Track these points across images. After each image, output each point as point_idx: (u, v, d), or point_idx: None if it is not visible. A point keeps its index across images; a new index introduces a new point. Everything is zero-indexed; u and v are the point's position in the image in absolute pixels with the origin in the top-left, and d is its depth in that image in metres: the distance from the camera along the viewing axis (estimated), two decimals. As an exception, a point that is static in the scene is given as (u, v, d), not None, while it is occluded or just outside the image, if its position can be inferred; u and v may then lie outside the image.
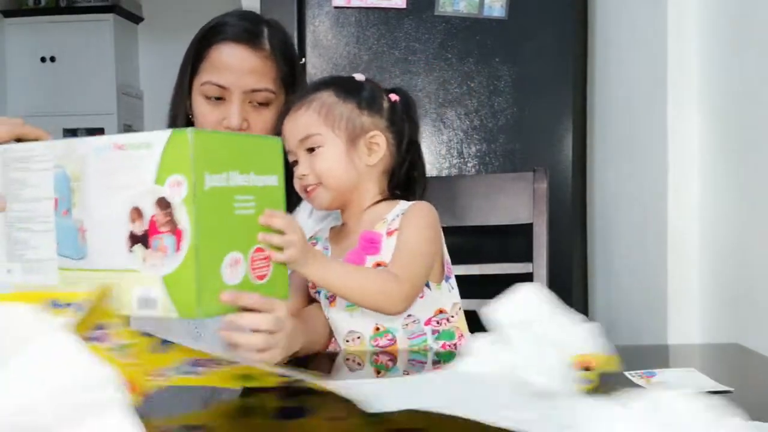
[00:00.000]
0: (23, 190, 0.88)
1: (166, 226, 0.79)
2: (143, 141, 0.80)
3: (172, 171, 0.79)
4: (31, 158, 0.88)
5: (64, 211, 0.85)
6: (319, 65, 1.93)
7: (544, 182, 1.45)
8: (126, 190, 0.81)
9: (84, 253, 0.84)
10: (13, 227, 0.89)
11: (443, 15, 1.92)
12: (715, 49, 1.36)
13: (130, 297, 0.81)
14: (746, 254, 1.24)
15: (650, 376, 0.91)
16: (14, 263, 0.90)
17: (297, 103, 1.14)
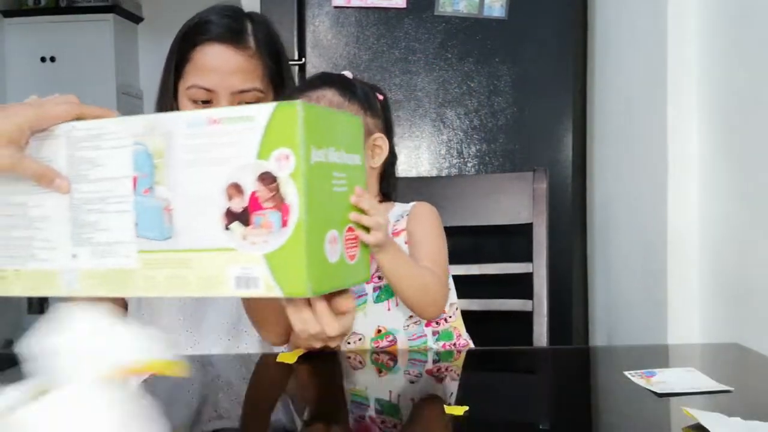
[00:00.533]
0: (93, 169, 0.84)
1: (271, 202, 0.76)
2: (243, 114, 0.78)
3: (278, 144, 0.76)
4: (101, 136, 0.84)
5: (145, 189, 0.82)
6: (319, 65, 1.93)
7: (544, 182, 1.45)
8: (222, 165, 0.78)
9: (170, 233, 0.81)
10: (80, 209, 0.85)
11: (443, 15, 1.92)
12: (715, 49, 1.36)
13: (227, 277, 0.78)
14: (746, 254, 1.24)
15: (650, 376, 0.91)
16: (81, 247, 0.85)
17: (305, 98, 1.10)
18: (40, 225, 0.87)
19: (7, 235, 0.89)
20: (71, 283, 0.86)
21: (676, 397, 0.84)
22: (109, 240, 0.84)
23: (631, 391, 0.87)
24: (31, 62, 4.69)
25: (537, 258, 1.41)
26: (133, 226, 0.82)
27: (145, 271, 0.82)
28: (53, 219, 0.86)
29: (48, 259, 0.87)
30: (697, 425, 0.73)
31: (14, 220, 0.88)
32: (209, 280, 0.79)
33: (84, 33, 4.66)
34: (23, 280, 0.88)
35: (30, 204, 0.87)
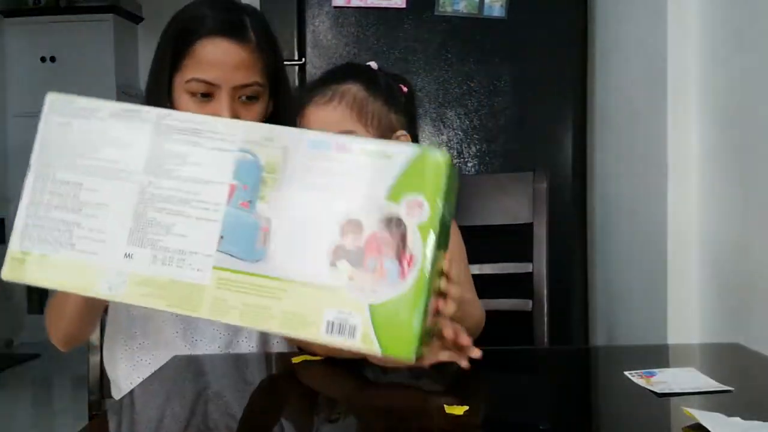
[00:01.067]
0: (182, 166, 0.75)
1: (392, 249, 0.70)
2: (380, 150, 0.72)
3: (413, 190, 0.71)
4: (202, 133, 0.76)
5: (243, 202, 0.74)
6: (319, 65, 1.93)
7: (544, 182, 1.45)
8: (343, 197, 0.71)
9: (261, 255, 0.73)
10: (152, 205, 0.75)
11: (443, 15, 1.92)
12: (715, 50, 1.36)
13: (320, 318, 0.71)
14: (746, 254, 1.24)
15: (650, 375, 0.91)
16: (141, 248, 0.75)
17: (324, 94, 1.07)
18: (93, 211, 0.76)
19: (46, 214, 0.77)
20: (116, 287, 0.76)
21: (676, 397, 0.84)
22: (181, 247, 0.74)
23: (631, 391, 0.87)
24: (31, 62, 4.69)
25: (537, 258, 1.41)
26: (217, 239, 0.74)
27: (218, 291, 0.73)
28: (112, 208, 0.76)
29: (90, 252, 0.76)
30: (697, 425, 0.73)
31: (60, 200, 0.77)
32: (297, 318, 0.71)
33: (84, 33, 4.66)
34: (47, 268, 0.77)
35: (86, 186, 0.77)
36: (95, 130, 0.78)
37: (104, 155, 0.77)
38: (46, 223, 0.77)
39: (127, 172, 0.76)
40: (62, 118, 0.79)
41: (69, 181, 0.77)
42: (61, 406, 3.50)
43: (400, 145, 0.72)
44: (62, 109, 0.80)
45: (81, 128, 0.78)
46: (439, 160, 0.71)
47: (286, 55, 1.91)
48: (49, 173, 0.78)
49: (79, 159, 0.77)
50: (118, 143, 0.77)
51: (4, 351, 4.38)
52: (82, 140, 0.78)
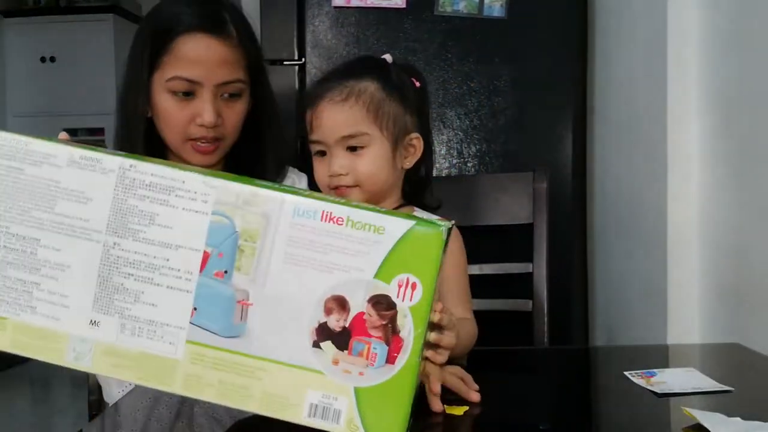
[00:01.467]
0: (149, 227, 0.69)
1: (379, 331, 0.66)
2: (371, 222, 0.66)
3: (406, 269, 0.66)
4: (173, 190, 0.68)
5: (218, 272, 0.68)
6: (319, 65, 1.93)
7: (544, 182, 1.45)
8: (329, 272, 0.67)
9: (239, 331, 0.68)
10: (117, 270, 0.69)
11: (443, 15, 1.91)
12: (714, 49, 1.36)
13: (302, 400, 0.67)
14: (746, 254, 1.24)
15: (650, 376, 0.91)
16: (107, 316, 0.69)
17: (340, 91, 1.01)
18: (52, 272, 0.70)
19: (1, 272, 0.71)
20: (82, 356, 0.70)
21: (676, 397, 0.84)
22: (151, 317, 0.69)
23: (631, 391, 0.87)
24: (31, 62, 4.69)
25: (537, 258, 1.41)
26: (190, 310, 0.68)
27: (192, 367, 0.68)
28: (73, 270, 0.70)
29: (53, 317, 0.70)
30: (697, 425, 0.73)
31: (16, 257, 0.70)
32: (278, 400, 0.67)
33: (84, 33, 4.66)
34: (11, 332, 0.71)
35: (44, 242, 0.70)
36: (51, 180, 0.70)
37: (62, 209, 0.70)
38: (1, 283, 0.71)
39: (88, 231, 0.70)
40: (13, 163, 0.70)
41: (24, 236, 0.70)
42: (61, 406, 3.50)
43: (395, 218, 0.67)
44: (13, 153, 0.70)
45: (35, 176, 0.70)
46: (433, 237, 0.66)
47: (286, 55, 1.92)
48: (1, 225, 0.71)
49: (35, 211, 0.70)
50: (76, 196, 0.70)
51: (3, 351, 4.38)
52: (37, 190, 0.70)
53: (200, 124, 1.11)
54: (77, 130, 4.76)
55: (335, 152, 1.00)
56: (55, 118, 4.69)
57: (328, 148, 1.01)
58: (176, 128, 1.12)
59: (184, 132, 1.12)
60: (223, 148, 1.15)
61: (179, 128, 1.12)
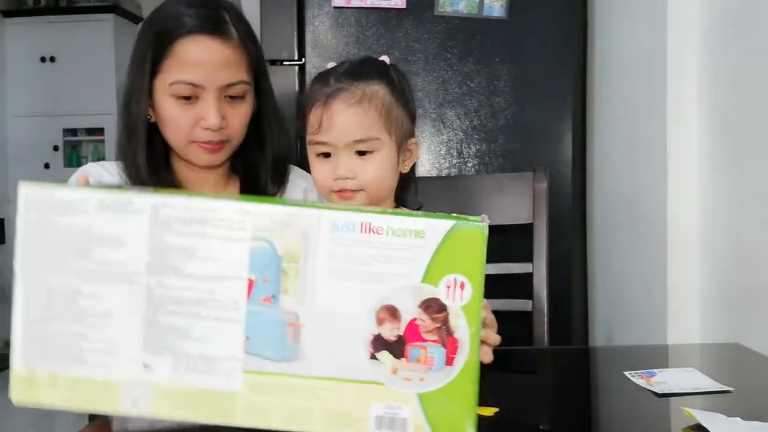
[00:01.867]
0: (189, 262, 0.67)
1: (434, 334, 0.66)
2: (411, 227, 0.66)
3: (452, 269, 0.66)
4: (208, 222, 0.67)
5: (264, 298, 0.67)
6: (318, 65, 1.93)
7: (544, 182, 1.45)
8: (376, 283, 0.66)
9: (294, 354, 0.67)
10: (163, 309, 0.68)
11: (443, 15, 1.91)
12: (714, 49, 1.36)
13: (367, 414, 0.67)
14: (746, 254, 1.24)
15: (650, 376, 0.91)
16: (158, 356, 0.68)
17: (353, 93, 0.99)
18: (98, 320, 0.68)
19: (45, 327, 0.69)
20: (138, 401, 0.68)
21: (676, 397, 0.84)
22: (203, 352, 0.68)
23: (631, 391, 0.87)
24: (31, 62, 4.69)
25: (537, 258, 1.41)
26: (242, 340, 0.67)
27: (252, 396, 0.68)
28: (118, 315, 0.68)
29: (105, 366, 0.69)
30: (697, 425, 0.73)
31: (58, 310, 0.68)
32: (343, 417, 0.67)
33: (84, 33, 4.66)
34: (60, 387, 0.69)
35: (85, 292, 0.68)
36: (83, 227, 0.68)
37: (99, 256, 0.68)
38: (47, 338, 0.69)
39: (128, 274, 0.68)
40: (42, 215, 0.68)
41: (64, 288, 0.68)
42: (61, 406, 3.50)
43: (434, 220, 0.67)
44: (41, 205, 0.69)
45: (66, 225, 0.68)
46: (476, 233, 0.67)
47: (286, 55, 1.92)
48: (39, 280, 0.68)
49: (71, 261, 0.68)
50: (111, 241, 0.68)
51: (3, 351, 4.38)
52: (71, 239, 0.68)
53: (205, 128, 1.11)
54: (77, 130, 4.76)
55: (343, 155, 0.99)
56: (55, 118, 4.69)
57: (334, 151, 0.99)
58: (181, 132, 1.12)
59: (188, 135, 1.12)
60: (228, 148, 1.15)
61: (184, 132, 1.12)
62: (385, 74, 1.03)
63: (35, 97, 4.68)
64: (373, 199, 1.01)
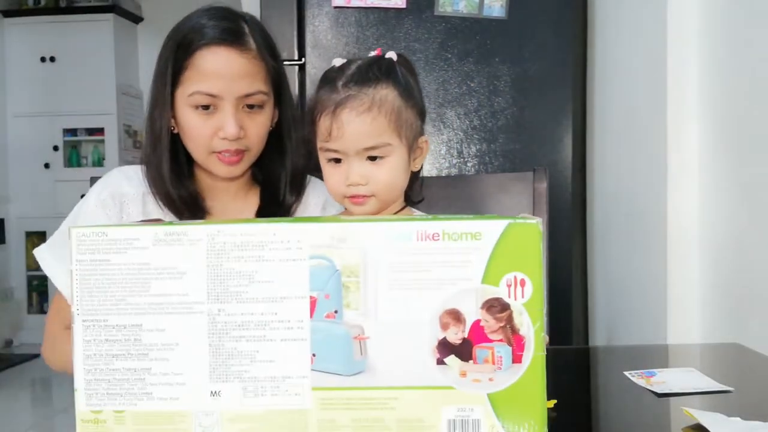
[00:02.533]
0: (249, 286, 0.68)
1: (499, 334, 0.67)
2: (467, 230, 0.67)
3: (512, 268, 0.67)
4: (266, 244, 0.68)
5: (328, 314, 0.68)
6: (318, 65, 1.93)
7: (544, 182, 1.45)
8: (437, 288, 0.67)
9: (361, 367, 0.68)
10: (226, 336, 0.69)
11: (443, 15, 1.92)
12: (714, 49, 1.36)
13: (439, 419, 0.68)
14: (746, 254, 1.24)
15: (650, 376, 0.91)
16: (226, 383, 0.69)
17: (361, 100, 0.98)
18: (162, 353, 0.70)
19: (108, 366, 0.70)
20: (208, 430, 0.70)
21: (676, 397, 0.84)
22: (272, 374, 0.69)
23: (631, 391, 0.87)
24: (31, 62, 4.69)
25: (537, 258, 1.41)
26: (309, 358, 0.68)
27: (323, 412, 0.69)
28: (183, 346, 0.69)
29: (172, 398, 0.70)
30: (697, 425, 0.73)
31: (121, 347, 0.70)
32: (415, 424, 0.68)
33: (84, 33, 4.67)
34: (130, 425, 0.70)
35: (147, 326, 0.69)
36: (140, 263, 0.69)
37: (158, 289, 0.69)
38: (111, 376, 0.70)
39: (189, 304, 0.69)
40: (97, 256, 0.70)
41: (125, 325, 0.70)
42: (61, 406, 3.50)
43: (488, 221, 0.68)
44: (94, 246, 0.70)
45: (122, 263, 0.69)
46: (532, 231, 0.67)
47: (286, 55, 1.92)
48: (99, 319, 0.70)
49: (130, 298, 0.69)
50: (169, 273, 0.69)
51: (3, 351, 4.38)
52: (128, 277, 0.69)
53: (223, 137, 1.12)
54: (77, 130, 4.77)
55: (354, 161, 0.98)
56: (54, 118, 4.70)
57: (345, 157, 0.99)
58: (200, 142, 1.13)
59: (208, 145, 1.13)
60: (248, 159, 1.16)
61: (203, 142, 1.13)
62: (392, 75, 1.02)
63: (35, 97, 4.68)
64: (385, 202, 1.01)
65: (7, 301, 4.62)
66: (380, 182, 0.98)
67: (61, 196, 4.66)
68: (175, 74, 1.14)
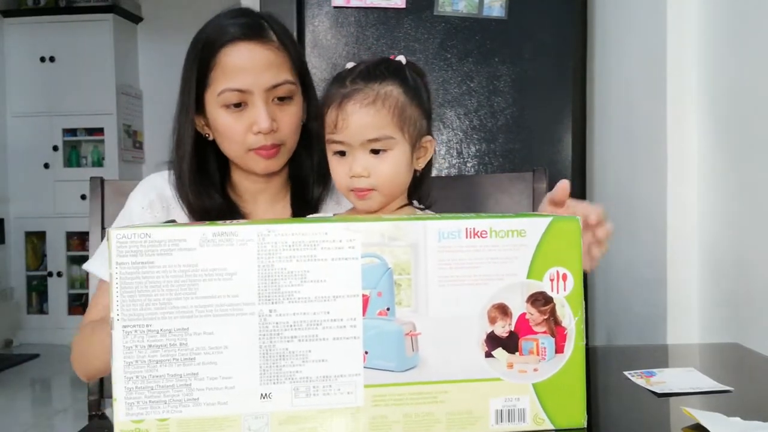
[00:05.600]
0: (301, 285, 0.68)
1: (543, 326, 0.71)
2: (512, 227, 0.71)
3: (554, 263, 0.71)
4: (319, 243, 0.68)
5: (380, 311, 0.69)
6: (318, 65, 1.93)
7: (543, 182, 1.45)
8: (484, 284, 0.70)
9: (414, 362, 0.70)
10: (277, 336, 0.68)
11: (443, 15, 1.92)
12: (713, 49, 1.36)
13: (487, 410, 0.71)
14: (745, 254, 1.24)
15: (650, 375, 0.91)
16: (277, 385, 0.68)
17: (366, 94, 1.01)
18: (210, 357, 0.67)
19: (151, 373, 0.67)
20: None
21: (676, 397, 0.84)
22: (324, 374, 0.68)
23: (631, 391, 0.87)
24: (31, 62, 4.69)
25: (537, 258, 1.41)
26: (361, 356, 0.69)
27: (375, 409, 0.69)
28: (232, 349, 0.67)
29: (220, 403, 0.67)
30: (697, 425, 0.73)
31: (165, 352, 0.67)
32: (463, 416, 0.70)
33: (83, 33, 4.67)
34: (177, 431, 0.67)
35: (194, 329, 0.67)
36: (186, 265, 0.67)
37: (206, 291, 0.67)
38: (154, 383, 0.67)
39: (239, 305, 0.67)
40: (140, 258, 0.66)
41: (170, 329, 0.67)
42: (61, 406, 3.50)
43: (531, 218, 0.71)
44: (137, 248, 0.66)
45: (167, 265, 0.67)
46: (573, 227, 0.71)
47: (286, 55, 1.92)
48: (141, 325, 0.66)
49: (176, 301, 0.66)
50: (218, 274, 0.67)
51: (3, 351, 4.38)
52: (173, 279, 0.67)
53: (257, 132, 1.12)
54: (77, 130, 4.77)
55: (358, 154, 1.01)
56: (54, 118, 4.70)
57: (350, 149, 1.01)
58: (235, 140, 1.13)
59: (243, 143, 1.13)
60: (284, 152, 1.16)
61: (238, 140, 1.13)
62: (399, 74, 1.05)
63: (35, 97, 4.68)
64: (387, 197, 1.03)
65: (6, 301, 4.62)
66: (382, 175, 1.00)
67: (61, 196, 4.67)
68: (202, 77, 1.14)
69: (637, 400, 0.84)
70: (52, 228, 4.70)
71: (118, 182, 1.39)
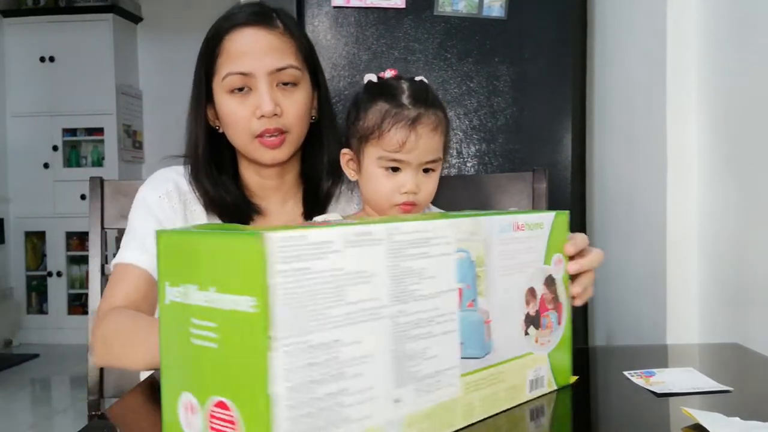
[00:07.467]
0: (420, 283, 0.66)
1: (552, 303, 0.83)
2: (536, 221, 0.81)
3: (556, 250, 0.84)
4: (430, 240, 0.68)
5: (469, 303, 0.72)
6: (318, 65, 1.93)
7: (543, 182, 1.45)
8: (521, 271, 0.79)
9: (489, 348, 0.74)
10: (405, 336, 0.65)
11: (442, 15, 1.91)
12: (714, 50, 1.36)
13: (525, 381, 0.80)
14: (745, 254, 1.24)
15: (650, 375, 0.91)
16: (404, 387, 0.65)
17: (429, 119, 1.07)
18: (357, 369, 0.61)
19: (310, 396, 0.57)
20: None
21: (676, 397, 0.84)
22: (435, 369, 0.68)
23: (631, 391, 0.87)
24: (31, 62, 4.69)
25: (536, 258, 1.41)
26: (458, 347, 0.70)
27: (465, 397, 0.71)
28: (375, 356, 0.62)
29: (367, 416, 0.61)
30: (697, 425, 0.73)
31: (320, 370, 0.58)
32: (514, 390, 0.79)
33: (83, 33, 4.67)
34: None
35: (345, 340, 0.60)
36: (335, 269, 0.60)
37: (353, 296, 0.61)
38: (313, 407, 0.57)
39: (377, 309, 0.62)
40: (300, 264, 0.57)
41: (326, 342, 0.58)
42: (61, 406, 3.50)
43: (543, 213, 0.83)
44: (297, 253, 0.57)
45: (321, 271, 0.58)
46: (565, 219, 0.85)
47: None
48: (300, 342, 0.57)
49: (328, 310, 0.59)
50: (361, 277, 0.61)
51: (3, 351, 4.38)
52: (326, 286, 0.59)
53: (260, 116, 1.11)
54: (76, 130, 4.77)
55: (413, 172, 1.08)
56: (54, 118, 4.70)
57: (406, 167, 1.07)
58: (240, 126, 1.13)
59: (248, 129, 1.12)
60: (290, 141, 1.14)
61: (243, 125, 1.13)
62: (438, 100, 1.13)
63: (35, 97, 4.68)
64: (422, 209, 1.12)
65: (6, 301, 4.62)
66: (427, 192, 1.10)
67: (61, 196, 4.67)
68: (209, 67, 1.14)
69: (636, 400, 0.84)
70: (51, 228, 4.70)
71: (117, 182, 1.40)
